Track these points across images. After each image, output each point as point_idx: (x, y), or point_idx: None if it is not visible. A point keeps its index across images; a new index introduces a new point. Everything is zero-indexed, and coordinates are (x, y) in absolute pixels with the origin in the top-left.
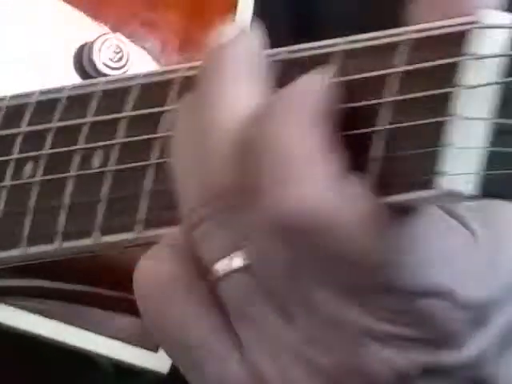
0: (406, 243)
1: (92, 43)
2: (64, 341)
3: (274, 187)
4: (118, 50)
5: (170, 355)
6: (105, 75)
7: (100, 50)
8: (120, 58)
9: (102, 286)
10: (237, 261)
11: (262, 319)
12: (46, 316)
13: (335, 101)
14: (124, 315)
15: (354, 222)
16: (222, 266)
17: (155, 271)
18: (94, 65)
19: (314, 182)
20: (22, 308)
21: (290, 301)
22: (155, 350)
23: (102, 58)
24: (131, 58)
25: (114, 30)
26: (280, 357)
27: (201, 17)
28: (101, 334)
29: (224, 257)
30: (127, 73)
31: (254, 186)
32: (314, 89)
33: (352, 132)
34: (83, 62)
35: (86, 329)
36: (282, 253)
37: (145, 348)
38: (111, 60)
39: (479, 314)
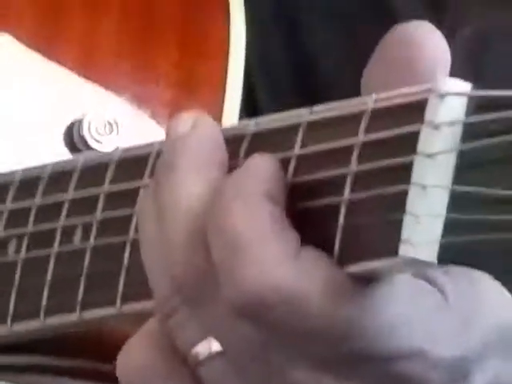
0: (372, 309)
1: (82, 119)
2: None
3: (229, 272)
4: (108, 124)
5: None
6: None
7: (90, 126)
8: (110, 131)
9: (90, 359)
10: (213, 345)
11: None
12: None
13: (284, 179)
14: None
15: (314, 294)
16: (198, 352)
17: (136, 361)
18: (85, 141)
19: (268, 260)
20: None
21: (261, 373)
22: None
23: (92, 134)
24: (121, 132)
25: (104, 104)
26: None
27: (191, 89)
28: None
29: (198, 343)
30: (117, 141)
31: (212, 273)
32: (260, 170)
33: (315, 202)
34: (74, 138)
35: None
36: (249, 336)
37: None
38: (101, 134)
39: (456, 372)
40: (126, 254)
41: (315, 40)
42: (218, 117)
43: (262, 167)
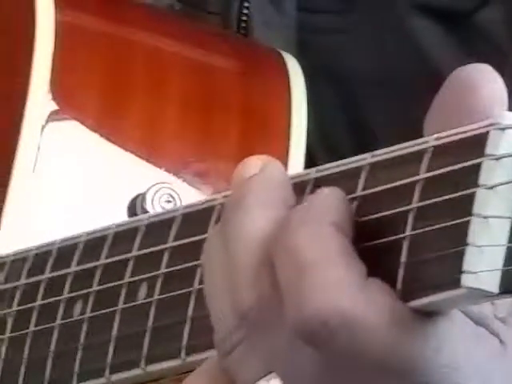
0: (432, 345)
1: (145, 193)
2: None
3: (294, 293)
4: (171, 199)
5: None
6: None
7: (153, 200)
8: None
9: None
10: (274, 381)
11: None
12: None
13: (351, 212)
14: None
15: (378, 324)
16: None
17: None
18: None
19: (335, 284)
20: None
21: None
22: None
23: (155, 207)
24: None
25: (166, 179)
26: None
27: None
28: None
29: (259, 379)
30: None
31: (277, 298)
32: (329, 201)
33: (378, 240)
34: (137, 211)
35: None
36: (310, 362)
37: None
38: (164, 209)
39: None
40: (191, 305)
41: (372, 107)
42: None
43: (330, 198)
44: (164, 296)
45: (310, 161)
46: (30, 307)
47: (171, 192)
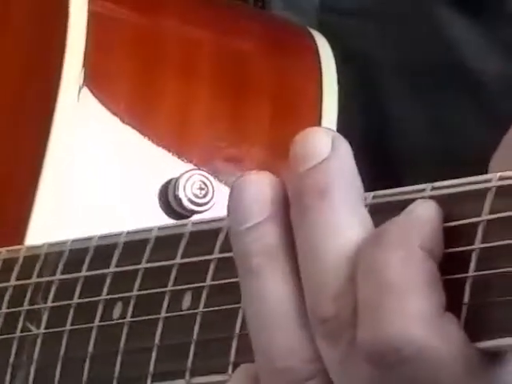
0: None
1: (177, 180)
2: None
3: (372, 313)
4: (203, 187)
5: None
6: (190, 211)
7: (185, 187)
8: (205, 194)
9: None
10: None
11: None
12: None
13: (442, 236)
14: None
15: (449, 360)
16: None
17: None
18: (180, 201)
19: (415, 314)
20: None
21: None
22: None
23: (187, 194)
24: (216, 194)
25: (199, 165)
26: None
27: (284, 152)
28: None
29: None
30: (212, 208)
31: (357, 311)
32: (425, 223)
33: (443, 277)
34: (169, 198)
35: None
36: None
37: None
38: (196, 196)
39: None
40: (239, 321)
41: (392, 93)
42: None
43: (425, 217)
44: (210, 309)
45: None
46: (66, 304)
47: (204, 179)
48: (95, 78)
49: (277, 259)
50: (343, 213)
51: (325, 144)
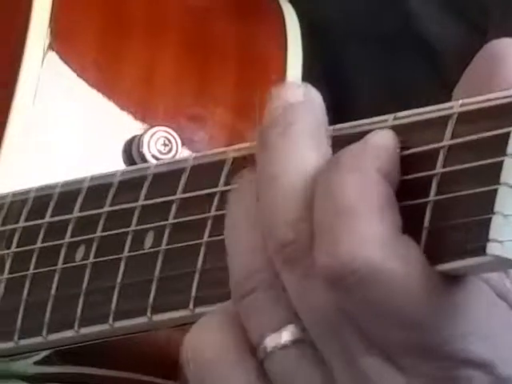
0: (454, 310)
1: (141, 136)
2: None
3: (327, 234)
4: (167, 143)
5: None
6: None
7: (149, 143)
8: (169, 151)
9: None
10: (286, 335)
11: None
12: None
13: (398, 160)
14: None
15: (407, 280)
16: (270, 342)
17: (203, 341)
18: (144, 157)
19: (371, 235)
20: None
21: (330, 351)
22: None
23: (151, 150)
24: (179, 151)
25: (163, 123)
26: None
27: (247, 114)
28: None
29: (273, 332)
30: None
31: (314, 234)
32: (380, 147)
33: (404, 203)
34: (133, 154)
35: None
36: (328, 306)
37: None
38: (160, 152)
39: None
40: (200, 257)
41: (351, 61)
42: None
43: (382, 143)
44: (172, 246)
45: None
46: (29, 249)
47: (168, 136)
48: (61, 39)
49: (242, 190)
50: (302, 141)
51: (296, 93)
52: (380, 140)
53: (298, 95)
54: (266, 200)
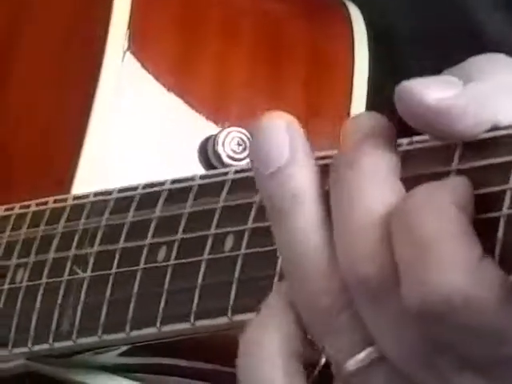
0: None
1: (216, 136)
2: None
3: (415, 271)
4: (241, 143)
5: None
6: (229, 167)
7: (224, 143)
8: (243, 150)
9: (218, 363)
10: (367, 354)
11: None
12: None
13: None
14: None
15: (492, 301)
16: (352, 363)
17: (257, 338)
18: (219, 157)
19: (456, 263)
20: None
21: (424, 379)
22: None
23: (226, 150)
24: None
25: (237, 123)
26: None
27: (319, 114)
28: None
29: (356, 354)
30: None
31: (394, 274)
32: (454, 184)
33: (477, 217)
34: (208, 154)
35: None
36: (421, 339)
37: None
38: (235, 152)
39: None
40: (279, 261)
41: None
42: None
43: (455, 181)
44: (252, 250)
45: None
46: (112, 249)
47: (241, 135)
48: (139, 42)
49: (303, 203)
50: (373, 180)
51: (364, 126)
52: (454, 179)
53: (363, 127)
54: (342, 235)
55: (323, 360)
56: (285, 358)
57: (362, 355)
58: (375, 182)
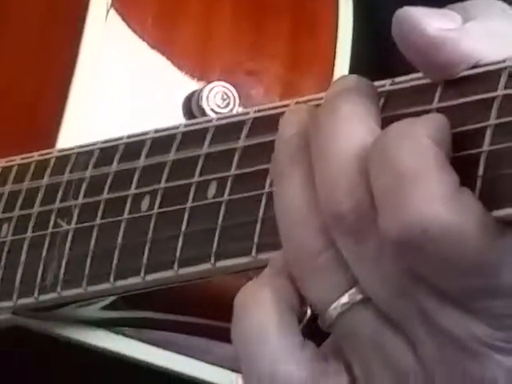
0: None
1: (200, 91)
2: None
3: (392, 202)
4: (225, 97)
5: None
6: None
7: (208, 97)
8: (227, 104)
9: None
10: (353, 296)
11: (385, 347)
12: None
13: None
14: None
15: (472, 231)
16: (335, 307)
17: (250, 300)
18: (203, 111)
19: (434, 194)
20: (133, 338)
21: (406, 319)
22: None
23: (210, 105)
24: (237, 104)
25: (221, 78)
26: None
27: (302, 68)
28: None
29: (338, 297)
30: None
31: (372, 207)
32: (429, 120)
33: (456, 155)
34: (192, 109)
35: (191, 357)
36: (401, 272)
37: None
38: (219, 106)
39: None
40: (262, 207)
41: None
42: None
43: (431, 117)
44: (234, 196)
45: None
46: (96, 200)
47: (226, 90)
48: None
49: (295, 163)
50: (350, 122)
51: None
52: (429, 116)
53: (348, 83)
54: (320, 175)
55: (309, 311)
56: (278, 309)
57: (344, 298)
58: (352, 123)
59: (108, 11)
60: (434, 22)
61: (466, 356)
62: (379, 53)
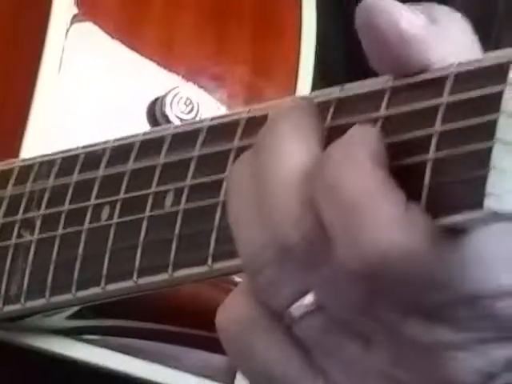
0: (469, 255)
1: (164, 97)
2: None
3: (346, 234)
4: (189, 102)
5: None
6: None
7: (172, 104)
8: (191, 110)
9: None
10: (308, 301)
11: (343, 350)
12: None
13: (385, 141)
14: (195, 351)
15: (422, 247)
16: (294, 310)
17: (234, 316)
18: (167, 118)
19: (384, 220)
20: (102, 346)
21: (367, 328)
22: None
23: (174, 111)
24: (201, 109)
25: (184, 83)
26: (368, 382)
27: (266, 72)
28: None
29: (294, 301)
30: None
31: (323, 237)
32: (366, 137)
33: (401, 163)
34: (156, 115)
35: (165, 365)
36: (355, 292)
37: (220, 382)
38: (182, 112)
39: None
40: (217, 215)
41: None
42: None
43: (367, 134)
44: (191, 206)
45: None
46: (58, 211)
47: (189, 95)
48: (86, 4)
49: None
50: (288, 141)
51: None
52: (365, 131)
53: (289, 103)
54: (264, 199)
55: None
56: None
57: (298, 303)
58: (291, 142)
59: (72, 20)
60: (405, 16)
61: (432, 361)
62: (349, 53)
